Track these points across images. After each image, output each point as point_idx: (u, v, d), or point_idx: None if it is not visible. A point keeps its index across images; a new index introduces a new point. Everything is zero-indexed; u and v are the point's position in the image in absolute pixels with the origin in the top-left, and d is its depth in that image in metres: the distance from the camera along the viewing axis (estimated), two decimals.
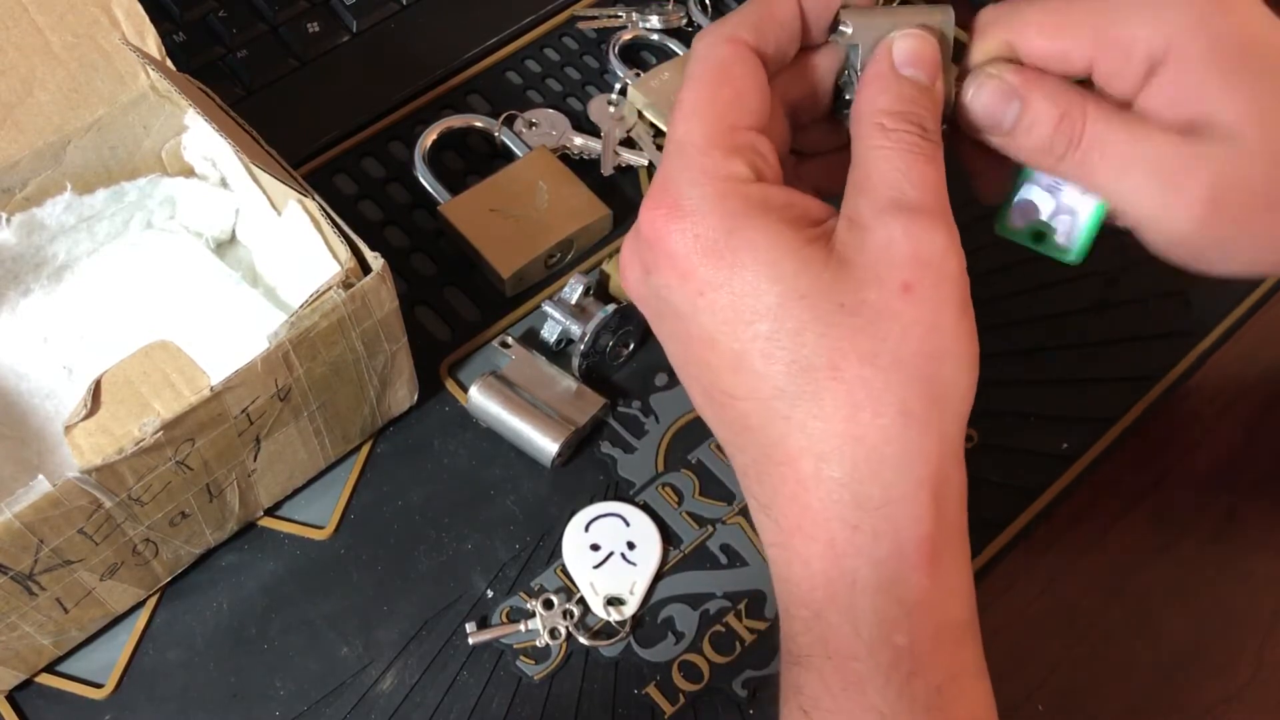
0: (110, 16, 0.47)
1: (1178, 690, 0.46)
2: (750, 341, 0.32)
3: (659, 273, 0.34)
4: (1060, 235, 0.38)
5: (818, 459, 0.31)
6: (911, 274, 0.31)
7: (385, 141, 0.58)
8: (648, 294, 0.35)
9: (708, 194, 0.32)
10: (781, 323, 0.31)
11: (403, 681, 0.44)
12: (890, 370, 0.31)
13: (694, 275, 0.32)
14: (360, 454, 0.49)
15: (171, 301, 0.50)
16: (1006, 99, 0.35)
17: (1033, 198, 0.38)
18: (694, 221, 0.32)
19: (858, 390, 0.31)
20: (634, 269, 0.35)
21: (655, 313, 0.35)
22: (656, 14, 0.62)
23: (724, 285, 0.32)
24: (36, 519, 0.37)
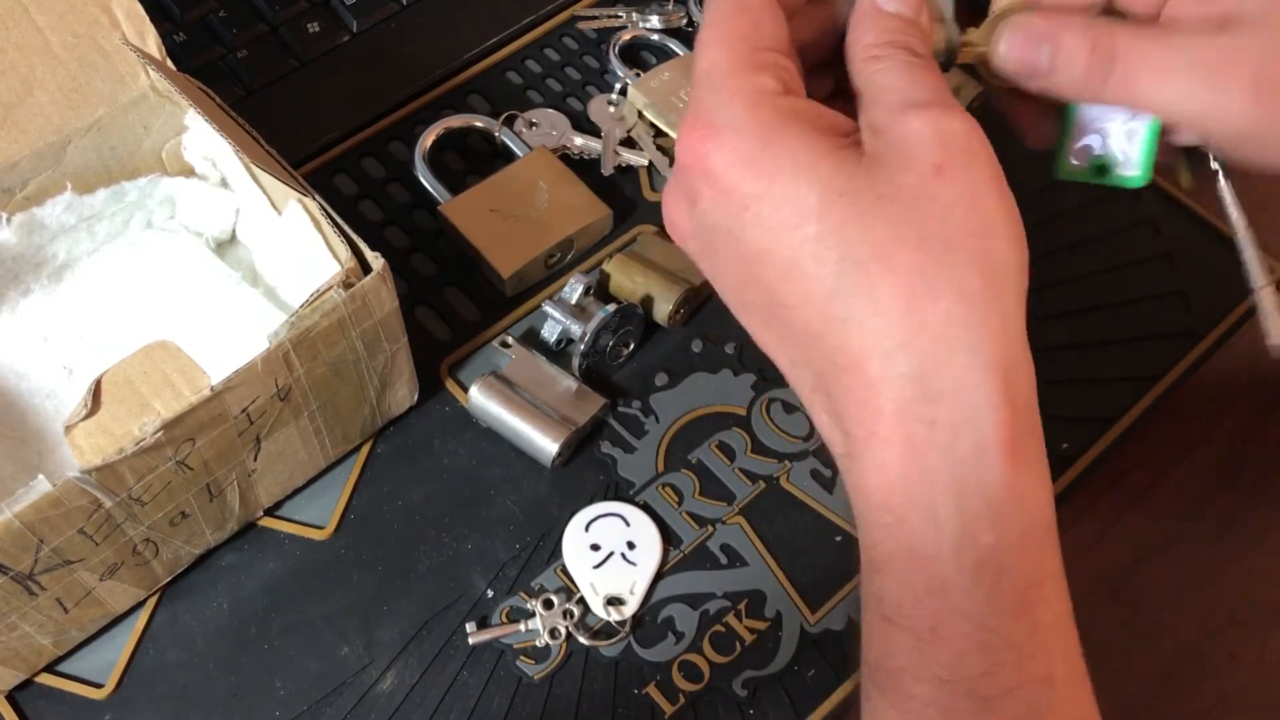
0: (110, 16, 0.47)
1: (1178, 690, 0.46)
2: (800, 246, 0.32)
3: (702, 198, 0.34)
4: (1122, 162, 0.38)
5: (883, 357, 0.31)
6: (940, 156, 0.31)
7: (385, 141, 0.58)
8: (695, 228, 0.35)
9: (740, 110, 0.33)
10: (826, 222, 0.31)
11: (403, 681, 0.44)
12: (940, 252, 0.31)
13: (736, 190, 0.33)
14: (360, 454, 0.49)
15: (171, 301, 0.50)
16: (1036, 43, 0.36)
17: (1086, 132, 0.38)
18: (730, 136, 0.33)
19: (912, 277, 0.31)
20: (678, 207, 0.35)
21: (705, 245, 0.35)
22: (656, 14, 0.62)
23: (766, 194, 0.32)
24: (36, 519, 0.37)
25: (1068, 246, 0.55)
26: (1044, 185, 0.58)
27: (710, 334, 0.53)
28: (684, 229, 0.36)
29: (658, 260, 0.53)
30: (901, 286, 0.31)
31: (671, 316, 0.52)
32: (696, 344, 0.53)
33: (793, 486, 0.49)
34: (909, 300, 0.31)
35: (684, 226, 0.36)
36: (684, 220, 0.35)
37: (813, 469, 0.49)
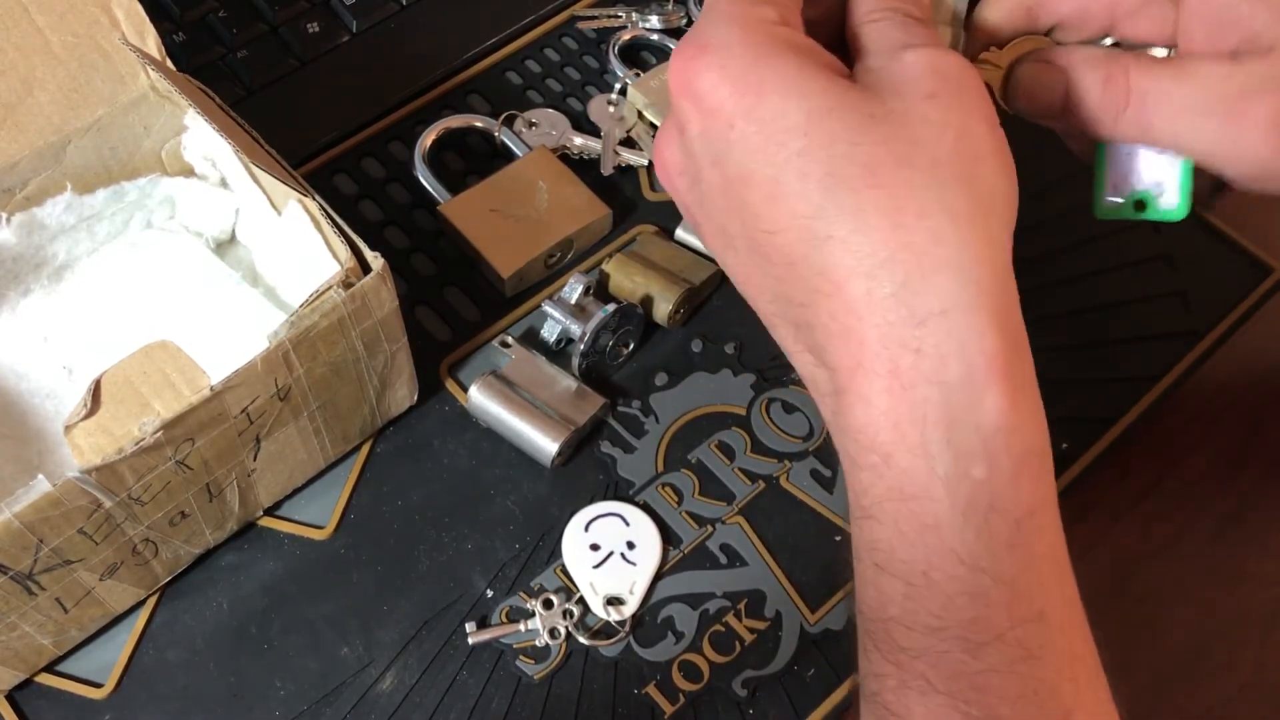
0: (110, 16, 0.47)
1: (1178, 690, 0.46)
2: (784, 163, 0.31)
3: (691, 121, 0.33)
4: (1159, 195, 0.37)
5: (867, 277, 0.30)
6: (933, 84, 0.31)
7: (385, 141, 0.58)
8: (683, 161, 0.34)
9: (733, 30, 0.32)
10: (812, 137, 0.31)
11: (403, 681, 0.44)
12: (929, 170, 0.30)
13: (722, 109, 0.32)
14: (360, 454, 0.49)
15: (171, 301, 0.50)
16: (1050, 80, 0.36)
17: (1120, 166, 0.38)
18: (719, 55, 0.32)
19: (899, 193, 0.30)
20: (668, 142, 0.35)
21: (691, 180, 0.35)
22: (656, 14, 0.62)
23: (752, 111, 0.32)
24: (36, 519, 0.37)
25: (1068, 247, 0.55)
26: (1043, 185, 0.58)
27: (710, 334, 0.53)
28: (672, 164, 0.35)
29: (658, 260, 0.53)
30: (887, 202, 0.30)
31: (671, 316, 0.52)
32: (696, 344, 0.53)
33: (793, 486, 0.49)
34: (895, 216, 0.30)
35: (672, 162, 0.35)
36: (673, 155, 0.35)
37: (813, 469, 0.49)
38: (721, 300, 0.54)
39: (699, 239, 0.36)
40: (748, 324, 0.53)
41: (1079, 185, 0.59)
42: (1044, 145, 0.58)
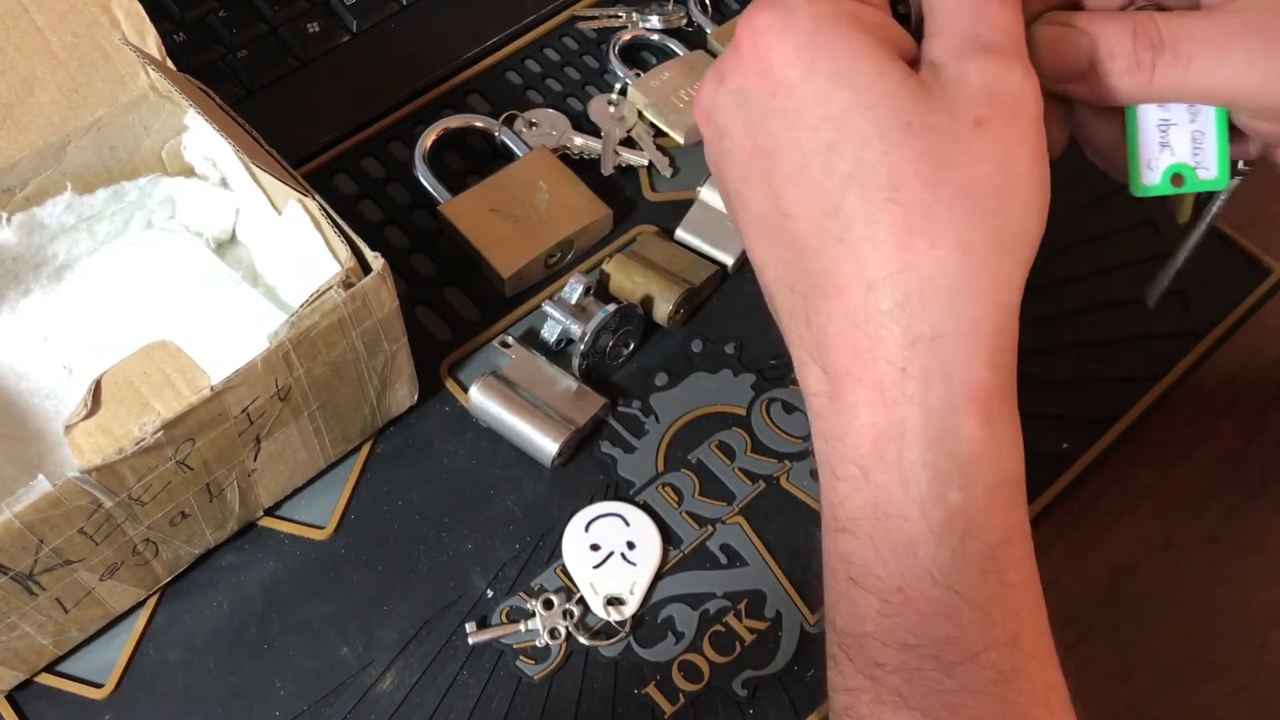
0: (110, 16, 0.47)
1: (1178, 690, 0.46)
2: (813, 152, 0.31)
3: (737, 74, 0.32)
4: (1195, 166, 0.36)
5: (868, 288, 0.30)
6: (986, 109, 0.30)
7: (385, 141, 0.58)
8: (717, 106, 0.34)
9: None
10: (844, 133, 0.30)
11: (403, 681, 0.44)
12: (953, 200, 0.30)
13: (772, 73, 0.31)
14: (360, 454, 0.49)
15: (171, 301, 0.50)
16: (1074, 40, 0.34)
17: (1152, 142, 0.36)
18: (782, 18, 0.31)
19: (915, 215, 0.30)
20: (709, 82, 0.34)
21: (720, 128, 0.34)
22: (656, 14, 0.62)
23: (797, 86, 0.31)
24: (36, 519, 0.37)
25: (1068, 247, 0.55)
26: None
27: (710, 334, 0.53)
28: (705, 108, 0.34)
29: (658, 260, 0.53)
30: (903, 221, 0.30)
31: (671, 316, 0.52)
32: (696, 344, 0.53)
33: (793, 486, 0.49)
34: (907, 237, 0.30)
35: (705, 105, 0.34)
36: (710, 96, 0.34)
37: (813, 469, 0.49)
38: (721, 300, 0.54)
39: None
40: (748, 324, 0.53)
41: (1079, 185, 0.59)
42: None
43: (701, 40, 0.62)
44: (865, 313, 0.30)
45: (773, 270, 0.33)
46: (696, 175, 0.56)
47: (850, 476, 0.31)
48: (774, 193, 0.32)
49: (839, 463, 0.31)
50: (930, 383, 0.30)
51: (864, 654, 0.32)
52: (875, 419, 0.30)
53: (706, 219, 0.55)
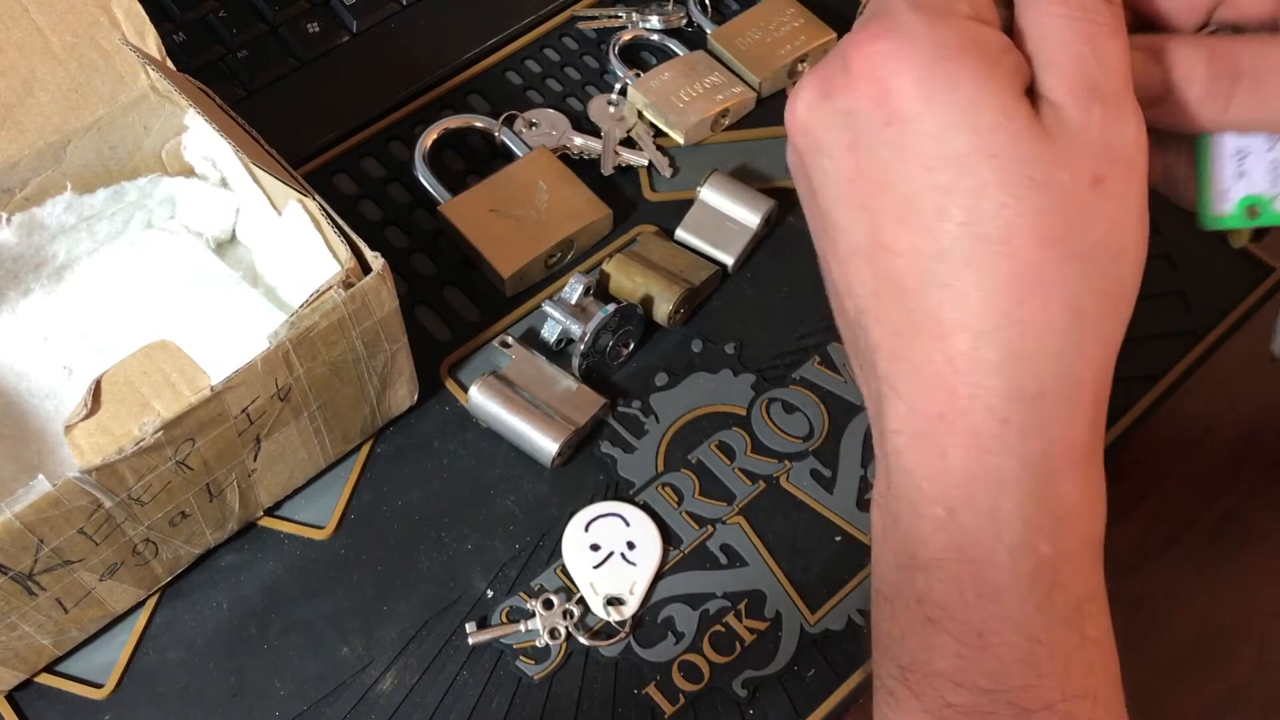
0: (110, 16, 0.47)
1: (1178, 690, 0.46)
2: (927, 191, 0.30)
3: (847, 94, 0.31)
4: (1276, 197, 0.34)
5: (975, 337, 0.29)
6: (1105, 166, 0.29)
7: (385, 141, 0.58)
8: (820, 121, 0.32)
9: (922, 21, 0.30)
10: (963, 178, 0.29)
11: (403, 681, 0.44)
12: (1068, 261, 0.29)
13: (888, 101, 0.30)
14: (360, 454, 0.49)
15: (171, 301, 0.50)
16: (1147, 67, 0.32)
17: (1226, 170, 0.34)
18: (904, 43, 0.30)
19: (1030, 272, 0.29)
20: (810, 92, 0.32)
21: (820, 145, 0.32)
22: (656, 14, 0.62)
23: (915, 119, 0.30)
24: (36, 519, 0.37)
25: None
26: None
27: (710, 334, 0.53)
28: (802, 119, 0.32)
29: (658, 260, 0.53)
30: (1017, 276, 0.29)
31: (671, 316, 0.52)
32: (696, 344, 0.53)
33: (793, 486, 0.49)
34: (1020, 292, 0.29)
35: (803, 116, 0.32)
36: (809, 109, 0.32)
37: (813, 469, 0.49)
38: (721, 300, 0.54)
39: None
40: (748, 324, 0.53)
41: None
42: None
43: (701, 40, 0.62)
44: (969, 361, 0.29)
45: (860, 299, 0.32)
46: (696, 175, 0.56)
47: (934, 516, 0.30)
48: (875, 224, 0.31)
49: (922, 501, 0.31)
50: (1029, 436, 0.29)
51: (933, 692, 0.31)
52: (968, 464, 0.30)
53: (706, 219, 0.55)
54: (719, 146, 0.59)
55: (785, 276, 0.54)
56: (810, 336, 0.53)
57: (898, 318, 0.31)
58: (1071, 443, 0.30)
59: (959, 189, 0.29)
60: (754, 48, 0.60)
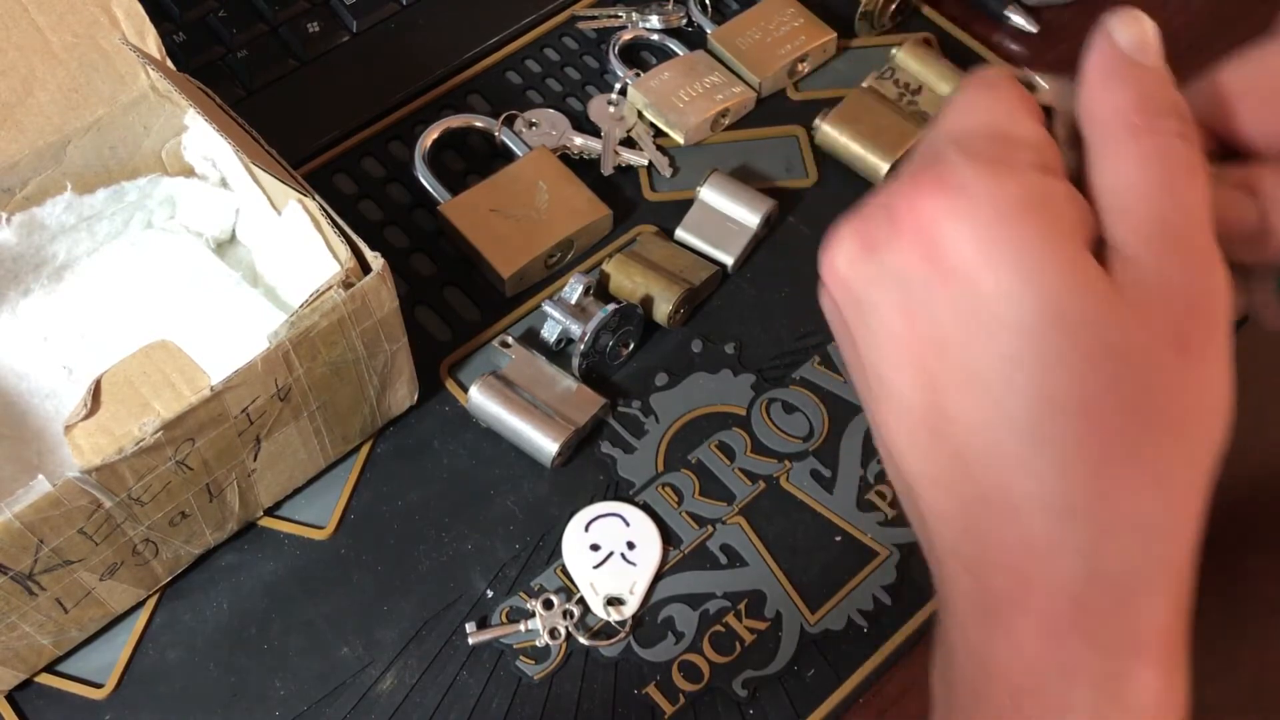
0: (110, 16, 0.47)
1: None
2: (993, 359, 0.27)
3: (895, 251, 0.28)
4: None
5: (1049, 517, 0.27)
6: (1187, 323, 0.27)
7: (385, 141, 0.58)
8: (863, 277, 0.29)
9: (986, 176, 0.27)
10: (1032, 347, 0.27)
11: (403, 681, 0.44)
12: (1151, 430, 0.27)
13: (943, 261, 0.27)
14: (360, 454, 0.49)
15: (171, 301, 0.50)
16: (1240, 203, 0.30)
17: None
18: (964, 200, 0.27)
19: (1110, 445, 0.26)
20: (852, 246, 0.29)
21: (864, 303, 0.30)
22: (656, 14, 0.62)
23: (975, 281, 0.27)
24: (36, 519, 0.37)
25: None
26: None
27: (710, 334, 0.53)
28: (843, 274, 0.30)
29: (658, 260, 0.53)
30: (1096, 450, 0.27)
31: (671, 316, 0.52)
32: (696, 344, 0.53)
33: (792, 486, 0.49)
34: (1100, 467, 0.27)
35: (844, 271, 0.30)
36: (851, 264, 0.30)
37: (813, 469, 0.49)
38: (721, 300, 0.54)
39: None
40: (748, 324, 0.53)
41: None
42: None
43: (701, 40, 0.62)
44: (1045, 541, 0.27)
45: (917, 463, 0.30)
46: (696, 175, 0.56)
47: (999, 703, 0.28)
48: (934, 389, 0.28)
49: (985, 683, 0.29)
50: (1108, 621, 0.27)
51: None
52: (1039, 649, 0.27)
53: (706, 219, 0.55)
54: (719, 146, 0.59)
55: (785, 276, 0.54)
56: (810, 336, 0.53)
57: (963, 487, 0.28)
58: (1155, 628, 0.27)
59: (1028, 358, 0.27)
60: (754, 48, 0.60)
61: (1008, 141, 0.28)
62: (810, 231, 0.56)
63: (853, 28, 0.62)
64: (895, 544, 0.48)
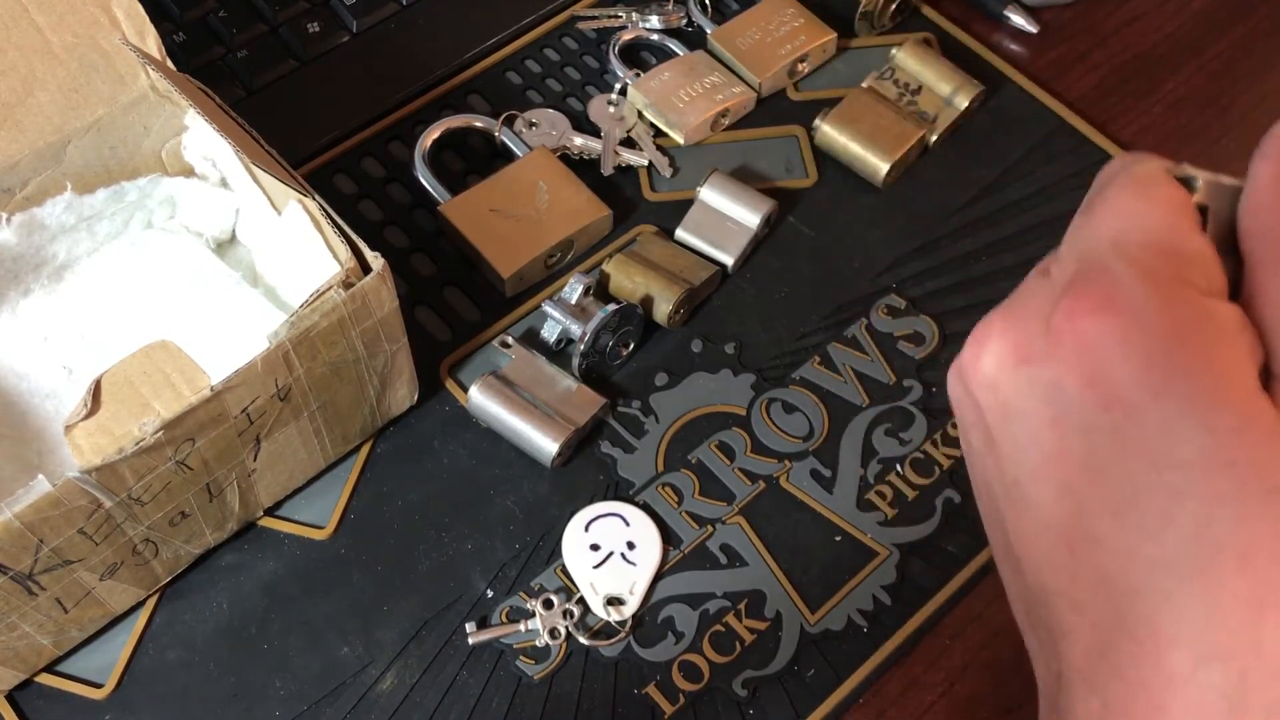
0: (110, 16, 0.47)
1: None
2: (1151, 492, 0.26)
3: (1052, 365, 0.27)
4: None
5: (1197, 659, 0.26)
6: None
7: (385, 141, 0.58)
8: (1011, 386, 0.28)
9: (1152, 295, 0.26)
10: (1195, 484, 0.26)
11: (403, 681, 0.44)
12: None
13: (1105, 385, 0.26)
14: (360, 454, 0.49)
15: (171, 301, 0.50)
16: None
17: None
18: (1129, 321, 0.26)
19: (1268, 591, 0.26)
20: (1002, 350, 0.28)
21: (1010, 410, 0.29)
22: (656, 14, 0.62)
23: (1140, 410, 0.26)
24: (36, 519, 0.37)
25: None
26: (1037, 189, 0.58)
27: (710, 334, 0.53)
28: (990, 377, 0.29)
29: (658, 260, 0.53)
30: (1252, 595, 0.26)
31: (671, 316, 0.52)
32: (696, 344, 0.53)
33: (792, 486, 0.49)
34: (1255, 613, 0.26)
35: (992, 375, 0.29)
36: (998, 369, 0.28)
37: (812, 469, 0.49)
38: (721, 300, 0.54)
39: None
40: (748, 324, 0.53)
41: (1079, 189, 0.59)
42: (1048, 149, 0.58)
43: (701, 40, 0.62)
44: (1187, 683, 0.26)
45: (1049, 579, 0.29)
46: (696, 175, 0.56)
47: None
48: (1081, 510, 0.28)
49: None
50: None
51: None
52: None
53: (706, 219, 0.55)
54: (719, 146, 0.59)
55: (785, 276, 0.55)
56: (810, 336, 0.53)
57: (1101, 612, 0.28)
58: None
59: (1189, 496, 0.26)
60: (754, 48, 0.60)
61: (1178, 258, 0.27)
62: (810, 231, 0.56)
63: (853, 28, 0.62)
64: (895, 544, 0.48)
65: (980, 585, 0.47)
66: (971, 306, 0.54)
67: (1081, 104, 0.60)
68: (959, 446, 0.50)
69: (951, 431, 0.50)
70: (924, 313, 0.53)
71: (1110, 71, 0.62)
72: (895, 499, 0.49)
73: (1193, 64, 0.63)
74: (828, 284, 0.54)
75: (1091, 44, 0.63)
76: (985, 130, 0.59)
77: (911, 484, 0.49)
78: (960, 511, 0.49)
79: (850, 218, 0.56)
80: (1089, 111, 0.60)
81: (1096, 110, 0.60)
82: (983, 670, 0.46)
